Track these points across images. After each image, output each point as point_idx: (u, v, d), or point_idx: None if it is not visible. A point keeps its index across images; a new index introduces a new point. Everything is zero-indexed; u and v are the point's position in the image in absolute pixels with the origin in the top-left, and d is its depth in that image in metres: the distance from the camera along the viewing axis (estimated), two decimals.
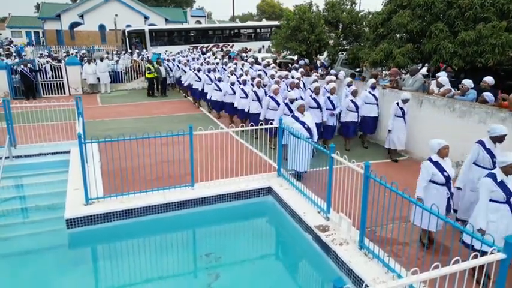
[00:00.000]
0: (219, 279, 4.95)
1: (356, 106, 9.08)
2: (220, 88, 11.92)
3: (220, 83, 12.07)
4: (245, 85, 10.81)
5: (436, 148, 4.86)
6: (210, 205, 6.60)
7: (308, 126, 7.05)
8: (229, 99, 11.43)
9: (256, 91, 10.08)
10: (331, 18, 15.10)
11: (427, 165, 4.84)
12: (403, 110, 8.21)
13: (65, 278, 5.07)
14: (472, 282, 3.18)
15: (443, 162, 4.83)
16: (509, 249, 2.94)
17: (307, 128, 7.01)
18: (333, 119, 9.15)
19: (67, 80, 17.39)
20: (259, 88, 10.15)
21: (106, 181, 6.81)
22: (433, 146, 4.90)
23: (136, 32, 29.72)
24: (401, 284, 2.62)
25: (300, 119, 7.04)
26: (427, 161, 4.88)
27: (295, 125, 6.91)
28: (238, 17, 67.25)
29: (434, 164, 4.82)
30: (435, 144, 4.88)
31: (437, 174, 4.77)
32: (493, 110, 6.93)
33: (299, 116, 7.09)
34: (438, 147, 4.84)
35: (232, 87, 11.43)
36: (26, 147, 8.81)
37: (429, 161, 4.85)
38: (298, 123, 6.97)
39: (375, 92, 9.25)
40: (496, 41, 8.64)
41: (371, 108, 9.28)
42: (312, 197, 6.16)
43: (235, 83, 11.52)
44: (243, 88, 10.69)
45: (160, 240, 5.98)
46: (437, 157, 4.85)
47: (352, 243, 5.02)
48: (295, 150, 6.65)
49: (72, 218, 5.77)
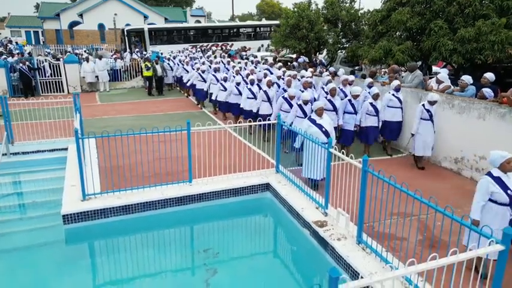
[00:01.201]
0: (217, 275, 4.93)
1: (376, 110, 8.28)
2: (226, 88, 11.56)
3: (226, 83, 11.71)
4: (253, 85, 10.39)
5: (498, 161, 4.13)
6: (208, 201, 6.57)
7: (326, 129, 6.45)
8: (235, 100, 11.07)
9: (267, 91, 9.70)
10: (331, 16, 15.11)
11: (486, 182, 4.15)
12: (430, 113, 7.49)
13: (61, 273, 5.04)
14: (469, 275, 3.16)
15: (506, 179, 4.12)
16: (507, 241, 2.91)
17: (324, 132, 6.42)
18: (350, 122, 8.39)
19: (66, 78, 17.37)
20: (270, 88, 9.76)
21: (103, 177, 6.78)
22: (494, 158, 4.17)
23: (136, 31, 29.68)
24: (398, 274, 2.60)
25: (316, 122, 6.48)
26: (487, 176, 4.20)
27: (312, 128, 6.39)
28: (238, 17, 67.20)
29: (496, 180, 4.12)
30: (497, 157, 4.14)
31: (499, 193, 4.08)
32: (492, 106, 6.91)
33: (316, 119, 6.51)
34: (501, 160, 4.11)
35: (237, 87, 11.07)
36: (24, 144, 8.79)
37: (489, 177, 4.17)
38: (315, 127, 6.42)
39: (399, 95, 8.44)
40: (495, 38, 8.63)
41: (395, 112, 8.46)
42: (310, 193, 6.13)
43: (240, 82, 11.15)
44: (251, 88, 10.31)
45: (157, 236, 5.96)
46: (499, 172, 4.15)
47: (350, 238, 4.99)
48: (312, 157, 6.08)
49: (69, 214, 5.74)
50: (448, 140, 7.76)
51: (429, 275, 3.65)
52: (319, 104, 6.62)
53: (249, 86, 10.44)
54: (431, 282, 3.57)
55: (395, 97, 8.39)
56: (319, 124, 6.46)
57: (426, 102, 7.51)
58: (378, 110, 8.28)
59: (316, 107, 6.57)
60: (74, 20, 41.48)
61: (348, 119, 8.37)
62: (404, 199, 4.07)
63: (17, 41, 39.72)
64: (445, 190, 6.87)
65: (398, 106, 8.43)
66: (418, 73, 9.31)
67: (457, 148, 7.61)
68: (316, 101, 6.82)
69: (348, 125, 8.38)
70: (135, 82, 19.40)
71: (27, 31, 49.46)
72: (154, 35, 30.04)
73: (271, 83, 9.88)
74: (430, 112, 7.50)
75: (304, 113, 7.82)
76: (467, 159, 7.45)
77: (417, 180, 7.16)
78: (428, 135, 7.58)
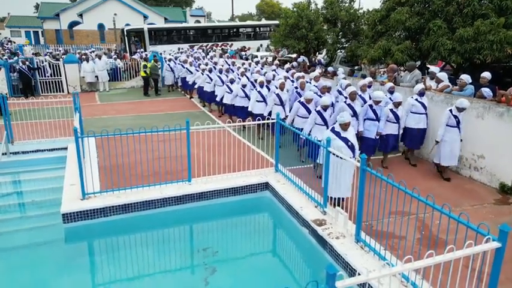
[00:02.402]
0: (216, 274, 4.94)
1: (397, 117, 7.68)
2: (232, 90, 11.08)
3: (232, 85, 11.19)
4: (262, 87, 9.81)
5: None
6: (207, 200, 6.59)
7: (352, 143, 5.78)
8: (241, 103, 10.53)
9: (280, 94, 9.06)
10: (330, 16, 15.13)
11: None
12: (457, 119, 6.99)
13: (61, 272, 5.06)
14: (467, 272, 3.17)
15: None
16: (504, 238, 2.93)
17: (350, 146, 5.74)
18: (372, 130, 7.61)
19: (65, 78, 17.39)
20: (283, 91, 9.12)
21: (103, 176, 6.80)
22: None
23: (136, 31, 29.72)
24: (395, 271, 2.61)
25: (341, 135, 5.77)
26: None
27: (336, 141, 5.68)
28: (238, 17, 67.24)
29: None
30: None
31: None
32: (491, 105, 6.93)
33: (340, 132, 5.80)
34: None
35: (243, 90, 10.52)
36: (24, 143, 8.81)
37: None
38: (340, 140, 5.71)
39: (423, 100, 7.81)
40: (494, 37, 8.64)
41: (419, 119, 7.80)
42: (309, 192, 6.15)
43: (247, 84, 10.62)
44: (260, 91, 9.76)
45: (157, 235, 5.97)
46: None
47: (348, 236, 5.01)
48: (337, 173, 5.49)
49: (69, 213, 5.75)
50: None
51: (427, 273, 3.67)
52: (347, 119, 5.75)
53: (258, 88, 9.91)
54: (429, 279, 3.59)
55: (419, 102, 7.77)
56: (344, 137, 5.75)
57: (454, 108, 7.01)
58: (398, 117, 7.69)
59: (342, 122, 5.74)
60: (73, 20, 41.53)
61: (368, 126, 7.60)
62: (402, 198, 4.09)
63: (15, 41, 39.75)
64: (443, 189, 6.90)
65: (423, 112, 7.78)
66: (417, 73, 9.33)
67: None
68: (342, 113, 5.95)
69: (368, 132, 7.61)
70: (134, 82, 19.42)
71: (27, 31, 49.49)
72: (154, 35, 30.10)
73: (284, 85, 9.23)
74: (458, 118, 7.01)
75: (324, 120, 7.32)
76: (465, 158, 7.47)
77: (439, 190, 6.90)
78: (454, 143, 7.06)
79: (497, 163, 6.90)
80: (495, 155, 6.90)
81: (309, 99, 7.97)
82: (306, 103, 7.98)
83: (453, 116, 7.01)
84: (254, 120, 8.40)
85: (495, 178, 6.97)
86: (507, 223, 3.23)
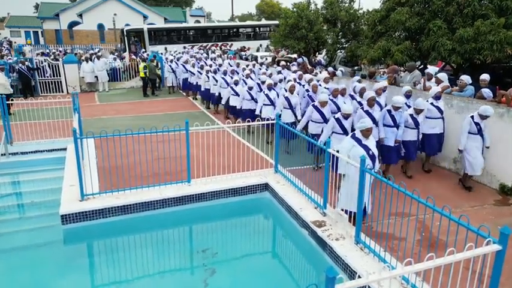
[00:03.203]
0: (215, 275, 4.92)
1: (416, 122, 7.20)
2: (237, 92, 10.75)
3: (236, 87, 10.87)
4: (270, 90, 9.37)
5: None
6: (207, 201, 6.57)
7: (373, 153, 5.31)
8: (248, 106, 10.10)
9: (289, 97, 8.59)
10: (330, 16, 15.11)
11: None
12: (479, 126, 6.58)
13: (60, 273, 5.04)
14: (467, 274, 3.15)
15: None
16: (504, 241, 2.92)
17: (371, 156, 5.26)
18: (390, 137, 7.12)
19: (65, 78, 17.37)
20: (292, 94, 8.65)
21: (102, 177, 6.78)
22: None
23: (136, 31, 29.69)
24: (395, 274, 2.60)
25: (362, 143, 5.31)
26: None
27: (357, 149, 5.23)
28: (238, 17, 67.22)
29: None
30: None
31: None
32: (491, 106, 6.90)
33: (361, 139, 5.32)
34: None
35: (250, 92, 10.14)
36: (23, 144, 8.79)
37: None
38: (361, 148, 5.23)
39: (439, 104, 7.42)
40: (494, 38, 8.62)
41: (435, 124, 7.43)
42: (309, 193, 6.13)
43: (253, 87, 10.21)
44: (268, 94, 9.32)
45: (156, 236, 5.96)
46: None
47: (348, 238, 4.99)
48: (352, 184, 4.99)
49: (67, 214, 5.74)
50: (446, 140, 7.75)
51: (427, 275, 3.66)
52: (369, 124, 5.32)
53: (265, 91, 9.45)
54: (429, 281, 3.58)
55: (434, 106, 7.39)
56: (365, 145, 5.29)
57: (476, 114, 6.59)
58: (418, 123, 7.23)
59: (364, 127, 5.28)
60: (73, 20, 41.51)
61: (386, 133, 7.14)
62: (402, 199, 4.07)
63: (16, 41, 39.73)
64: (443, 189, 6.88)
65: (439, 116, 7.43)
66: (417, 73, 9.33)
67: (455, 148, 7.60)
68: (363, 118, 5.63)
69: (387, 140, 7.14)
70: (134, 82, 19.40)
71: (26, 31, 49.46)
72: (154, 35, 30.07)
73: (294, 88, 8.77)
74: (479, 126, 6.58)
75: (344, 129, 6.74)
76: None
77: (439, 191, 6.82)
78: (476, 151, 6.64)
79: (497, 164, 6.88)
80: (495, 155, 6.88)
81: (323, 103, 7.53)
82: (320, 107, 7.55)
83: (474, 123, 6.61)
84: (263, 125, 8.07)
85: (495, 179, 6.95)
86: (507, 225, 3.22)
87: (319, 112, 7.55)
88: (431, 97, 7.46)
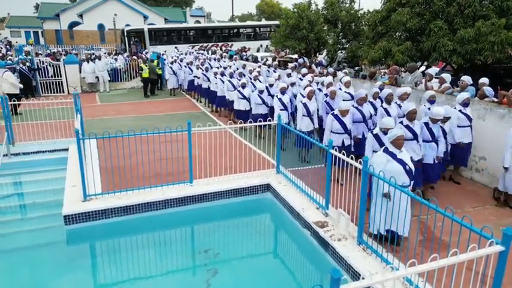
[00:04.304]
0: (218, 275, 4.94)
1: (444, 132, 6.51)
2: (244, 96, 10.29)
3: (244, 90, 10.36)
4: (283, 95, 8.80)
5: None
6: (209, 202, 6.58)
7: (410, 168, 4.73)
8: (259, 110, 9.56)
9: (307, 104, 7.87)
10: (330, 16, 15.15)
11: None
12: None
13: (62, 274, 5.06)
14: (470, 275, 3.17)
15: None
16: (507, 242, 2.93)
17: (408, 171, 4.69)
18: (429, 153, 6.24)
19: (66, 78, 17.38)
20: (310, 100, 7.93)
21: (104, 178, 6.80)
22: None
23: (136, 31, 29.71)
24: (399, 275, 2.61)
25: (397, 157, 4.73)
26: None
27: (392, 165, 4.66)
28: (238, 17, 67.23)
29: None
30: None
31: None
32: (492, 107, 6.93)
33: (395, 152, 4.75)
34: None
35: (261, 96, 9.60)
36: (24, 144, 8.80)
37: None
38: (397, 163, 4.67)
39: (467, 111, 6.89)
40: (495, 38, 8.65)
41: (464, 133, 6.91)
42: (311, 194, 6.14)
43: (264, 90, 9.68)
44: (281, 98, 8.77)
45: (158, 237, 5.98)
46: None
47: (350, 238, 5.01)
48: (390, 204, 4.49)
49: (70, 215, 5.75)
50: None
51: (430, 275, 3.67)
52: (399, 132, 4.76)
53: (278, 95, 8.89)
54: (432, 282, 3.59)
55: (463, 114, 6.86)
56: (400, 159, 4.71)
57: None
58: (446, 133, 6.53)
59: (394, 136, 4.73)
60: (73, 20, 41.48)
61: (425, 149, 6.26)
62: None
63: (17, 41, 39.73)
64: (446, 189, 6.88)
65: (468, 124, 6.94)
66: (418, 74, 9.34)
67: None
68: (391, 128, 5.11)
69: (425, 157, 6.24)
70: (135, 83, 19.41)
71: (27, 31, 49.44)
72: (154, 35, 30.09)
73: (313, 93, 8.05)
74: None
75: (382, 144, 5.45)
76: None
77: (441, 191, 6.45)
78: None
79: (498, 165, 6.89)
80: (496, 156, 6.89)
81: (344, 111, 6.73)
82: (340, 115, 6.79)
83: None
84: None
85: (496, 180, 6.95)
86: (510, 225, 3.23)
87: (339, 121, 6.75)
88: (459, 104, 6.89)
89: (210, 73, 13.59)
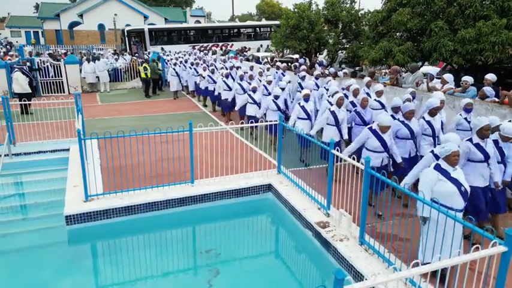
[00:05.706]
0: (219, 276, 4.94)
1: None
2: (255, 100, 9.75)
3: (255, 94, 9.82)
4: (307, 102, 7.89)
5: None
6: (210, 202, 6.58)
7: (465, 189, 4.04)
8: (273, 117, 8.66)
9: (336, 112, 7.06)
10: (331, 16, 15.15)
11: None
12: None
13: (64, 274, 5.06)
14: (473, 276, 3.17)
15: None
16: (510, 242, 2.93)
17: (463, 193, 4.01)
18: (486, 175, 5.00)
19: (66, 79, 17.38)
20: (340, 108, 7.13)
21: (106, 178, 6.80)
22: None
23: (136, 31, 29.73)
24: (402, 276, 2.61)
25: (451, 175, 4.05)
26: None
27: (445, 185, 4.01)
28: (238, 17, 67.23)
29: None
30: None
31: None
32: (493, 107, 6.92)
33: (449, 171, 4.07)
34: None
35: (275, 102, 8.93)
36: (26, 144, 8.80)
37: None
38: (450, 183, 4.00)
39: None
40: (495, 38, 8.65)
41: None
42: (312, 194, 6.14)
43: (279, 96, 8.98)
44: (304, 106, 7.80)
45: (160, 237, 5.97)
46: None
47: (352, 239, 5.01)
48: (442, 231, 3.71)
49: (72, 215, 5.75)
50: None
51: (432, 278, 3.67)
52: (454, 147, 4.07)
53: (301, 102, 7.92)
54: (434, 283, 3.59)
55: None
56: (454, 179, 4.03)
57: None
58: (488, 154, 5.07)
59: (448, 151, 4.05)
60: (74, 20, 41.52)
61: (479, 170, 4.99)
62: (406, 200, 4.09)
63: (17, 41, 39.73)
64: None
65: None
66: (419, 74, 9.34)
67: None
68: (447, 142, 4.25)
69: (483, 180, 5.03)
70: (135, 82, 19.42)
71: (27, 31, 49.45)
72: (154, 35, 30.12)
73: (343, 100, 7.20)
74: None
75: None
76: None
77: None
78: None
79: None
80: None
81: (385, 127, 5.65)
82: (380, 132, 5.70)
83: None
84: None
85: None
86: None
87: (378, 138, 5.67)
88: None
89: (216, 75, 13.08)
